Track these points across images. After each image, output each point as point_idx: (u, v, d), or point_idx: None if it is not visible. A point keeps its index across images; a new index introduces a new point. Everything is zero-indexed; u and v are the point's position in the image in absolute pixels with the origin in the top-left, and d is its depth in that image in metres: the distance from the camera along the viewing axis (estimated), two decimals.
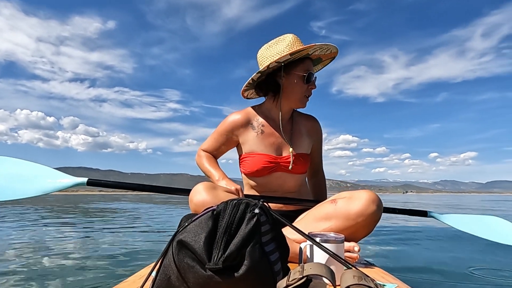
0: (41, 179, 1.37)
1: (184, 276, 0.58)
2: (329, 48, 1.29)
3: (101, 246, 2.99)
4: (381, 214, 1.08)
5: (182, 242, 0.59)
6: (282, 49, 1.23)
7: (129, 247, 3.00)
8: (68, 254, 2.57)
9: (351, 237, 1.05)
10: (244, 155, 1.35)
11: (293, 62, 1.26)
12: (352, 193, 1.12)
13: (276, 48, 1.25)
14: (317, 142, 1.46)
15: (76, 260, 2.33)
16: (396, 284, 0.80)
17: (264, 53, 1.28)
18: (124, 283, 0.81)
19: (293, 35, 1.27)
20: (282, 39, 1.27)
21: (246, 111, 1.39)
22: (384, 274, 0.93)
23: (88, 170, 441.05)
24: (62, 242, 3.22)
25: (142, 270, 0.97)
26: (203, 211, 0.63)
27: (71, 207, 11.09)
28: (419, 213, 1.52)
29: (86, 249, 2.82)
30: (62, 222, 5.54)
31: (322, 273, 0.53)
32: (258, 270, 0.57)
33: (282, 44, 1.25)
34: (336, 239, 0.79)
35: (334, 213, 1.08)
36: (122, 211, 8.89)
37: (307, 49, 1.22)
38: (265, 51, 1.28)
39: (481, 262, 2.32)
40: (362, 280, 0.51)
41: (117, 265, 2.18)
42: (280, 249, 0.66)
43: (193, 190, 1.07)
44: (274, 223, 0.66)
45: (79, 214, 7.84)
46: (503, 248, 1.67)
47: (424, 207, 10.19)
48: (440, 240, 3.56)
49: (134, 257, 2.50)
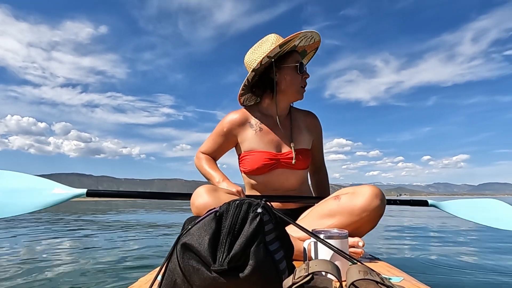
0: (40, 193, 1.37)
1: (190, 278, 0.58)
2: (313, 37, 1.31)
3: (105, 252, 2.98)
4: (385, 208, 1.07)
5: (186, 245, 0.59)
6: (268, 47, 1.26)
7: (134, 252, 3.00)
8: (74, 261, 2.56)
9: (355, 232, 1.05)
10: (244, 154, 1.36)
11: (282, 57, 1.29)
12: (355, 188, 1.12)
13: (261, 48, 1.28)
14: (317, 138, 1.46)
15: (81, 266, 2.33)
16: (402, 277, 0.80)
17: (251, 57, 1.31)
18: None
19: (274, 34, 1.32)
20: (265, 40, 1.31)
21: (243, 110, 1.40)
22: (389, 268, 0.93)
23: (80, 176, 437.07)
24: (66, 249, 3.21)
25: (148, 275, 0.97)
26: (205, 213, 0.63)
27: (71, 213, 11.09)
28: (420, 203, 1.53)
29: (90, 256, 2.82)
30: (64, 228, 5.53)
31: (327, 269, 0.53)
32: (263, 269, 0.57)
33: (266, 43, 1.29)
34: (340, 234, 0.79)
35: (338, 209, 1.07)
36: (122, 217, 8.88)
37: (294, 38, 1.25)
38: (251, 54, 1.31)
39: (486, 255, 2.31)
40: (368, 274, 0.51)
41: (122, 271, 2.18)
42: (285, 248, 0.66)
43: (195, 193, 1.07)
44: (277, 222, 0.66)
45: (80, 221, 7.83)
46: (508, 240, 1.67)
47: (418, 209, 10.19)
48: (444, 234, 3.56)
49: (140, 262, 2.49)
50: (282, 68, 1.30)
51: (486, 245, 2.57)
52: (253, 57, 1.29)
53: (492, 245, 2.53)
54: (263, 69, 1.30)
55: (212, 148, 1.42)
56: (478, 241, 2.76)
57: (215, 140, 1.41)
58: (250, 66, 1.30)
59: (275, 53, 1.25)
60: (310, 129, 1.43)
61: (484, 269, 1.85)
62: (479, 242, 2.73)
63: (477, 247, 2.53)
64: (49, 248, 3.44)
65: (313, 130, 1.43)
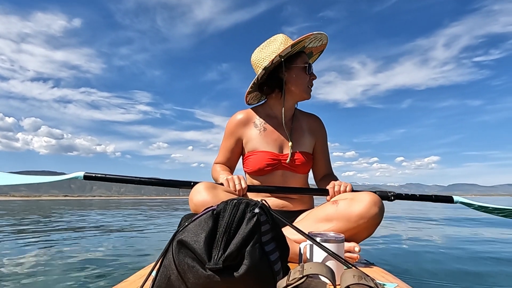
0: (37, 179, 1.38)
1: (184, 276, 0.58)
2: (322, 39, 1.33)
3: (99, 247, 2.99)
4: (383, 216, 1.06)
5: (182, 242, 0.59)
6: (277, 46, 1.28)
7: (129, 247, 3.00)
8: (68, 255, 2.57)
9: (352, 238, 1.05)
10: (247, 154, 1.36)
11: (291, 57, 1.30)
12: (354, 194, 1.11)
13: (271, 47, 1.29)
14: (321, 141, 1.43)
15: (76, 261, 2.33)
16: (396, 284, 0.80)
17: (259, 56, 1.31)
18: (124, 283, 0.81)
19: (282, 34, 1.33)
20: (273, 39, 1.32)
21: (248, 110, 1.41)
22: (384, 274, 0.93)
23: (52, 174, 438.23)
24: (61, 243, 3.22)
25: (142, 270, 0.97)
26: (203, 211, 0.63)
27: (62, 210, 11.10)
28: (444, 200, 1.37)
29: (85, 250, 2.82)
30: (59, 224, 5.55)
31: (322, 272, 0.53)
32: (258, 269, 0.57)
33: (275, 43, 1.30)
34: (336, 238, 0.79)
35: (335, 215, 1.07)
36: (117, 213, 8.89)
37: (305, 39, 1.26)
38: (259, 53, 1.32)
39: (481, 263, 2.31)
40: (362, 279, 0.51)
41: (117, 265, 2.18)
42: (280, 249, 0.66)
43: (193, 190, 1.07)
44: (274, 223, 0.66)
45: (74, 216, 7.84)
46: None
47: (392, 209, 10.15)
48: (440, 241, 3.55)
49: (134, 257, 2.50)
50: (291, 68, 1.31)
51: (483, 255, 2.57)
52: (262, 56, 1.30)
53: (490, 255, 2.53)
54: (272, 68, 1.31)
55: (224, 155, 1.41)
56: (476, 250, 2.76)
57: (225, 145, 1.40)
58: (259, 64, 1.30)
59: (286, 53, 1.26)
60: (313, 132, 1.41)
61: (481, 277, 1.85)
62: (476, 251, 2.73)
63: (474, 256, 2.53)
64: (45, 247, 3.45)
65: (315, 133, 1.42)
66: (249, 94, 1.41)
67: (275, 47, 1.28)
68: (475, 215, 6.59)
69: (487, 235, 3.77)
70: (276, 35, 1.33)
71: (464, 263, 2.29)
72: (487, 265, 2.22)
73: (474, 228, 4.66)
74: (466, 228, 4.68)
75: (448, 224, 5.42)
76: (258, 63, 1.31)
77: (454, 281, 1.80)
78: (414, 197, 1.33)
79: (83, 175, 1.29)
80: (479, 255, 2.57)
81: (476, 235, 3.79)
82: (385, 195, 1.24)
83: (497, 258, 2.43)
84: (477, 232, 4.09)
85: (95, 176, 1.31)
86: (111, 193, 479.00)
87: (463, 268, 2.12)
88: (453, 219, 6.53)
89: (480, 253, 2.64)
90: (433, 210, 9.91)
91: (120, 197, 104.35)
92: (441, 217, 6.90)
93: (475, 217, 6.40)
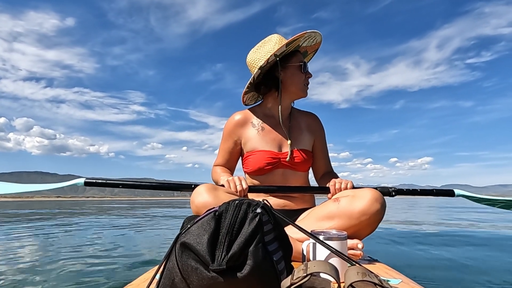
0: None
1: (188, 278, 0.58)
2: (316, 37, 1.34)
3: (104, 251, 2.98)
4: (385, 212, 1.07)
5: (185, 244, 0.59)
6: (272, 46, 1.29)
7: (133, 250, 3.00)
8: (73, 258, 2.57)
9: (354, 235, 1.05)
10: (247, 154, 1.36)
11: (286, 56, 1.31)
12: (356, 191, 1.11)
13: (266, 47, 1.30)
14: (319, 139, 1.44)
15: (80, 264, 2.33)
16: (400, 279, 0.80)
17: (254, 56, 1.32)
18: (129, 287, 0.81)
19: (277, 34, 1.34)
20: (268, 39, 1.33)
21: (245, 111, 1.41)
22: (388, 270, 0.93)
23: (44, 175, 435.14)
24: (65, 245, 3.21)
25: (146, 274, 0.97)
26: (205, 213, 0.63)
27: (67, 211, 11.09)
28: (445, 193, 1.36)
29: (89, 254, 2.82)
30: (64, 224, 5.54)
31: (326, 270, 0.53)
32: (261, 269, 0.57)
33: (270, 43, 1.31)
34: (339, 236, 0.79)
35: (337, 212, 1.07)
36: (116, 215, 8.89)
37: (299, 38, 1.27)
38: (254, 54, 1.33)
39: (484, 260, 2.31)
40: (366, 276, 0.51)
41: (121, 269, 2.18)
42: (283, 248, 0.66)
43: (195, 192, 1.07)
44: (277, 222, 0.66)
45: (78, 217, 7.84)
46: None
47: (418, 209, 10.14)
48: (443, 236, 3.55)
49: (138, 260, 2.50)
50: (286, 67, 1.32)
51: (486, 247, 2.57)
52: (257, 56, 1.31)
53: (494, 247, 2.53)
54: (268, 68, 1.31)
55: (223, 157, 1.41)
56: (478, 244, 2.76)
57: (224, 147, 1.40)
58: (255, 65, 1.31)
59: (281, 52, 1.27)
60: (311, 129, 1.42)
61: (484, 271, 1.85)
62: (479, 244, 2.73)
63: (477, 249, 2.53)
64: (44, 243, 3.44)
65: (313, 131, 1.42)
66: (245, 94, 1.42)
67: (270, 47, 1.28)
68: (477, 210, 6.58)
69: (491, 230, 3.76)
70: (271, 36, 1.34)
71: (468, 257, 2.29)
72: (491, 260, 2.22)
73: (476, 222, 4.66)
74: (468, 222, 4.68)
75: (450, 218, 5.42)
76: (254, 63, 1.31)
77: (458, 276, 1.80)
78: (415, 192, 1.34)
79: (84, 182, 1.28)
80: (486, 248, 2.57)
81: (479, 229, 3.79)
82: (386, 191, 1.24)
83: (501, 251, 2.43)
84: (480, 227, 4.09)
85: (95, 182, 1.29)
86: (105, 194, 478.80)
87: (467, 263, 2.12)
88: (455, 212, 6.53)
89: (487, 246, 2.64)
90: (435, 204, 9.91)
91: (113, 198, 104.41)
92: (443, 212, 6.90)
93: (477, 210, 6.40)
